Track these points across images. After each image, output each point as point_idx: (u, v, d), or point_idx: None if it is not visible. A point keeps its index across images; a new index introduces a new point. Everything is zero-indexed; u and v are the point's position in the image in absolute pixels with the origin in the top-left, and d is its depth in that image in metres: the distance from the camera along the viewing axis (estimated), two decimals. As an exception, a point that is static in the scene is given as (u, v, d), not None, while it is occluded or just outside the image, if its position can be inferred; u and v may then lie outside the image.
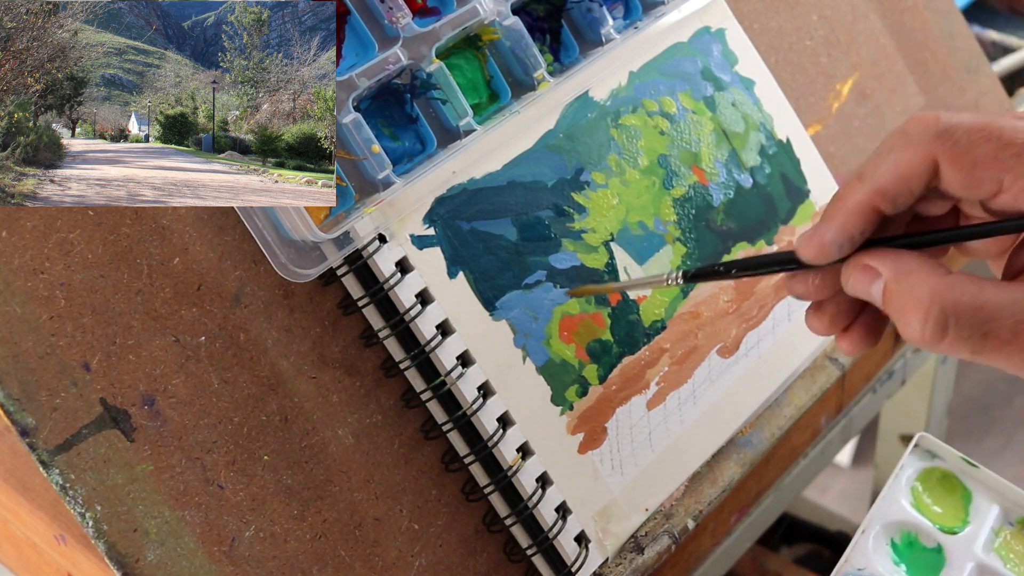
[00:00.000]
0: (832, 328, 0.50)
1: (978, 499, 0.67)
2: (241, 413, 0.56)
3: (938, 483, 0.68)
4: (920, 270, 0.45)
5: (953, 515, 0.66)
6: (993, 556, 0.65)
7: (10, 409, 0.51)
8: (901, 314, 0.45)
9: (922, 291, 0.44)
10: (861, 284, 0.46)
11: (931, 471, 0.68)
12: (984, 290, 0.43)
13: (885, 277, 0.45)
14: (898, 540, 0.66)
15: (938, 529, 0.66)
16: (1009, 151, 0.43)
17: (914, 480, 0.68)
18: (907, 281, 0.45)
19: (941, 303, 0.43)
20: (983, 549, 0.65)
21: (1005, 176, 0.44)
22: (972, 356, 0.44)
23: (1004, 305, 0.43)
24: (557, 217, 0.65)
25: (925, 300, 0.44)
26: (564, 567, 0.62)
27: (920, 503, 0.67)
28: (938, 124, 0.45)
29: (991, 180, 0.44)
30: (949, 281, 0.44)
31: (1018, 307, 0.43)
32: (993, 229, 0.45)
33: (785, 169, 0.74)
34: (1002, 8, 1.26)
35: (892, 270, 0.45)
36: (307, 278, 0.56)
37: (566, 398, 0.63)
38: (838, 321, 0.49)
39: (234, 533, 0.55)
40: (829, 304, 0.49)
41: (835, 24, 0.83)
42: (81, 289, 0.53)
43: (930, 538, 0.66)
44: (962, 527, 0.66)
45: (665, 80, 0.71)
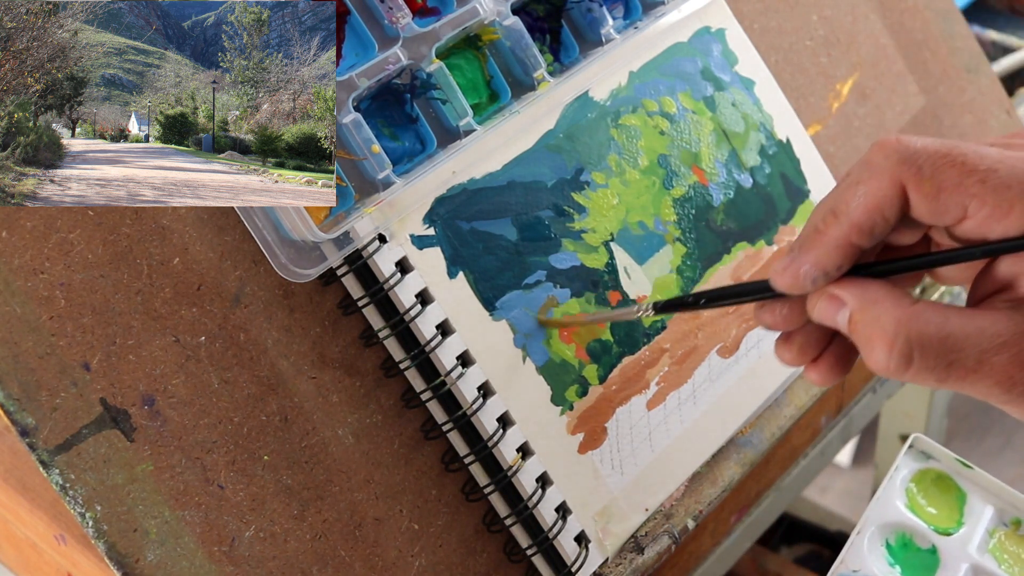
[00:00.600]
0: (801, 359, 0.49)
1: (972, 500, 0.67)
2: (241, 413, 0.56)
3: (933, 484, 0.68)
4: (885, 300, 0.44)
5: (948, 516, 0.66)
6: (988, 557, 0.65)
7: (10, 409, 0.51)
8: (867, 343, 0.45)
9: (887, 321, 0.44)
10: (827, 313, 0.46)
11: (926, 472, 0.68)
12: (949, 320, 0.43)
13: (851, 307, 0.45)
14: (893, 541, 0.66)
15: (933, 530, 0.66)
16: (973, 177, 0.43)
17: (909, 481, 0.68)
18: (872, 311, 0.44)
19: (906, 333, 0.43)
20: (977, 550, 0.65)
21: (970, 202, 0.43)
22: (937, 384, 0.44)
23: (968, 334, 0.43)
24: (557, 217, 0.65)
25: (890, 330, 0.44)
26: (564, 567, 0.62)
27: (915, 504, 0.67)
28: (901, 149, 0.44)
29: (956, 206, 0.44)
30: (914, 311, 0.44)
31: (982, 336, 0.43)
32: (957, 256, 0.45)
33: (785, 169, 0.74)
34: (1002, 8, 1.27)
35: (858, 299, 0.45)
36: (307, 278, 0.56)
37: (566, 398, 0.63)
38: (807, 351, 0.49)
39: (234, 533, 0.55)
40: (798, 335, 0.49)
41: (835, 24, 0.83)
42: (81, 289, 0.53)
43: (925, 539, 0.66)
44: (957, 528, 0.66)
45: (665, 80, 0.71)
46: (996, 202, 0.43)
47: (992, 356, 0.43)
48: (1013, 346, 0.43)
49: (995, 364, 0.43)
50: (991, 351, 0.43)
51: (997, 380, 0.43)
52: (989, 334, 0.43)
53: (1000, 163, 0.43)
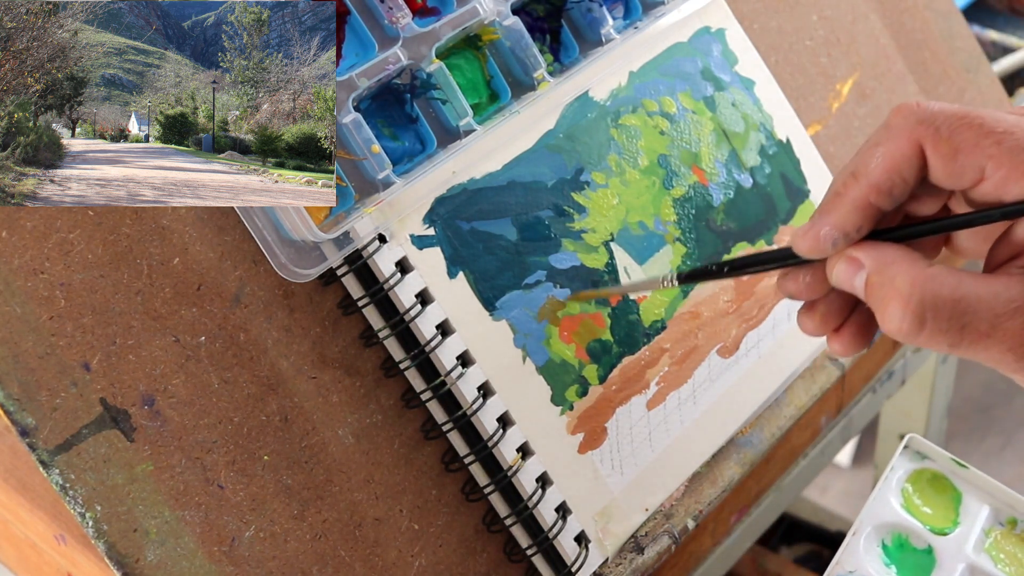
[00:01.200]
0: (823, 328, 0.50)
1: (968, 500, 0.67)
2: (241, 413, 0.56)
3: (928, 484, 0.68)
4: (901, 262, 0.45)
5: (944, 516, 0.66)
6: (984, 557, 0.65)
7: (10, 409, 0.51)
8: (881, 305, 0.45)
9: (902, 282, 0.44)
10: (845, 275, 0.46)
11: (921, 472, 0.68)
12: (963, 283, 0.44)
13: (868, 268, 0.45)
14: (889, 542, 0.66)
15: (928, 530, 0.66)
16: (990, 139, 0.44)
17: (904, 481, 0.68)
18: (888, 272, 0.45)
19: (921, 294, 0.44)
20: (974, 550, 0.65)
21: (987, 164, 0.44)
22: (950, 348, 0.44)
23: (982, 298, 0.43)
24: (557, 217, 0.65)
25: (905, 291, 0.44)
26: (564, 567, 0.62)
27: (910, 504, 0.67)
28: (919, 111, 0.45)
29: (973, 168, 0.44)
30: (930, 273, 0.44)
31: (996, 300, 0.43)
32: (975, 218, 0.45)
33: (785, 169, 0.74)
34: (1002, 8, 1.26)
35: (875, 261, 0.45)
36: (307, 278, 0.56)
37: (566, 398, 0.63)
38: (829, 321, 0.50)
39: (234, 533, 0.55)
40: (820, 304, 0.49)
41: (835, 24, 0.83)
42: (81, 289, 0.53)
43: (921, 539, 0.66)
44: (952, 528, 0.66)
45: (665, 80, 0.71)
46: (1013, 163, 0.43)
47: (1006, 321, 0.43)
48: None
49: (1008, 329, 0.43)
50: (1005, 316, 0.43)
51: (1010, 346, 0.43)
52: (1003, 299, 0.43)
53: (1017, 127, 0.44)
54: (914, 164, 0.45)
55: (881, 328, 0.46)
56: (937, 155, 0.45)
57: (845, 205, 0.46)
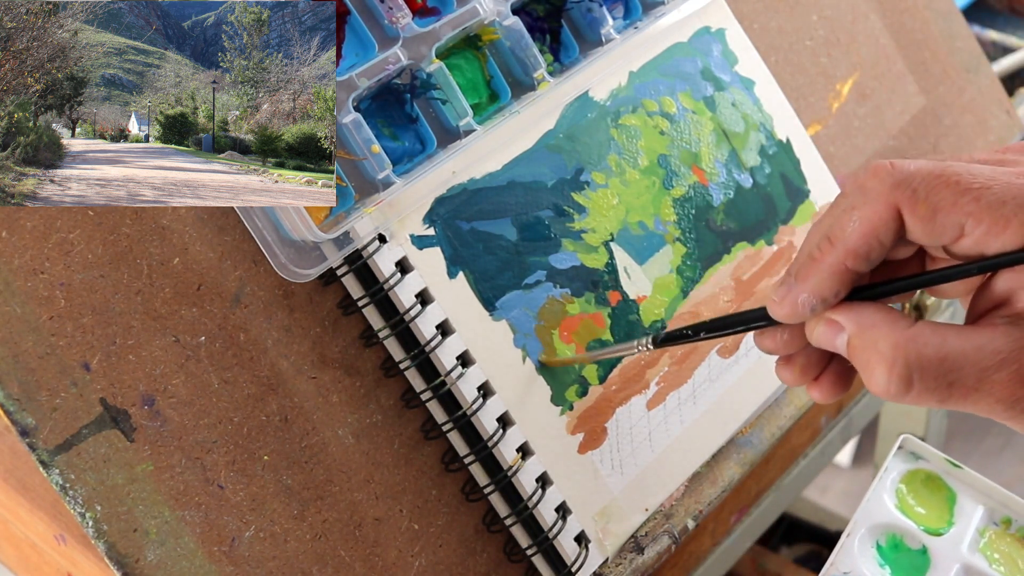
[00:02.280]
0: (803, 379, 0.50)
1: (962, 500, 0.67)
2: (241, 413, 0.56)
3: (922, 484, 0.67)
4: (882, 324, 0.44)
5: (938, 516, 0.66)
6: (978, 556, 0.65)
7: (10, 409, 0.51)
8: (866, 367, 0.45)
9: (884, 345, 0.44)
10: (826, 338, 0.46)
11: (915, 473, 0.68)
12: (947, 340, 0.43)
13: (848, 331, 0.45)
14: (883, 542, 0.65)
15: (923, 531, 0.65)
16: (967, 196, 0.43)
17: (899, 482, 0.68)
18: (870, 335, 0.45)
19: (904, 357, 0.43)
20: (968, 550, 0.65)
21: (966, 221, 0.43)
22: (939, 404, 0.44)
23: (967, 353, 0.43)
24: (557, 217, 0.65)
25: (888, 355, 0.44)
26: (564, 567, 0.62)
27: (905, 505, 0.66)
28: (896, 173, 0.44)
29: (952, 226, 0.44)
30: (911, 334, 0.44)
31: (981, 354, 0.43)
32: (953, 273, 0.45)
33: (785, 169, 0.74)
34: (1002, 8, 1.27)
35: (855, 324, 0.45)
36: (307, 278, 0.56)
37: (566, 398, 0.63)
38: (808, 372, 0.50)
39: (234, 533, 0.55)
40: (798, 356, 0.49)
41: (835, 24, 0.83)
42: (81, 289, 0.53)
43: (915, 540, 0.65)
44: (947, 528, 0.66)
45: (665, 80, 0.71)
46: (992, 219, 0.43)
47: (992, 374, 0.43)
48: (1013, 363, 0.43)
49: (996, 382, 0.43)
50: (991, 369, 0.43)
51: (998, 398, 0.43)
52: (988, 351, 0.43)
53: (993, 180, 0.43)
54: (891, 228, 0.45)
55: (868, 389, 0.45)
56: (915, 217, 0.44)
57: (822, 271, 0.46)
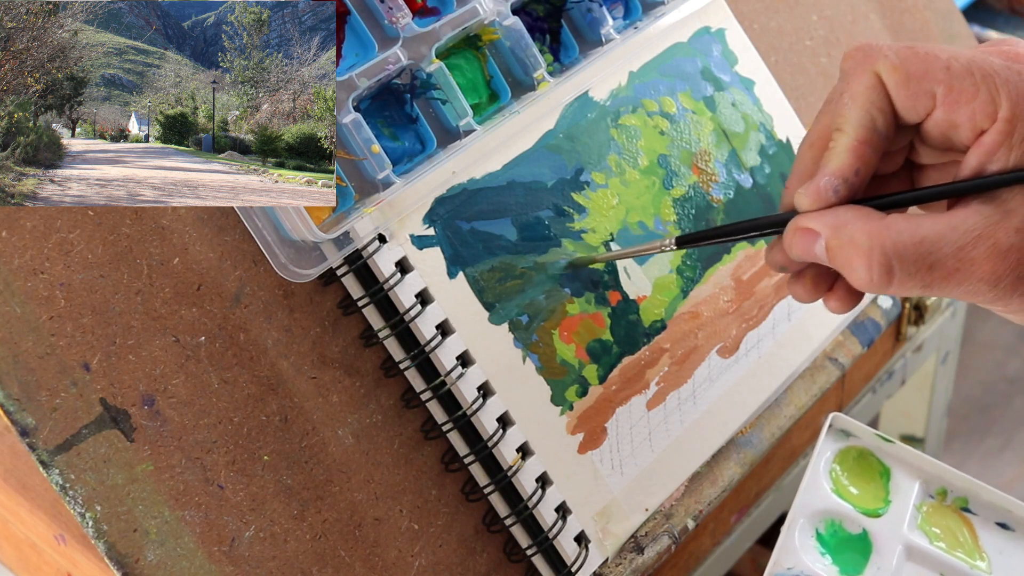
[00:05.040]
0: (815, 293, 0.50)
1: (897, 475, 0.65)
2: (241, 413, 0.56)
3: (855, 463, 0.65)
4: (856, 219, 0.45)
5: (874, 495, 0.64)
6: (918, 534, 0.63)
7: (10, 409, 0.51)
8: (847, 265, 0.45)
9: (861, 238, 0.45)
10: (803, 246, 0.47)
11: (847, 451, 0.66)
12: (921, 224, 0.44)
13: (824, 235, 0.46)
14: (823, 530, 0.63)
15: (861, 513, 0.63)
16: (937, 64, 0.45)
17: (832, 462, 0.65)
18: (845, 233, 0.45)
19: (882, 245, 0.44)
20: (908, 528, 0.63)
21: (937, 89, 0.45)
22: (923, 290, 0.45)
23: (942, 233, 0.44)
24: (557, 217, 0.65)
25: (865, 246, 0.44)
26: (564, 567, 0.62)
27: (840, 487, 0.64)
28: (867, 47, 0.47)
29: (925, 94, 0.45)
30: (885, 223, 0.44)
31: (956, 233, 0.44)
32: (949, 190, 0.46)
33: (785, 169, 0.74)
34: (1002, 8, 1.27)
35: (829, 226, 0.46)
36: (307, 278, 0.56)
37: (566, 398, 0.63)
38: (820, 284, 0.50)
39: (234, 533, 0.55)
40: (808, 270, 0.50)
41: (835, 24, 0.83)
42: (81, 289, 0.53)
43: (855, 524, 0.63)
44: (885, 508, 0.64)
45: (665, 80, 0.71)
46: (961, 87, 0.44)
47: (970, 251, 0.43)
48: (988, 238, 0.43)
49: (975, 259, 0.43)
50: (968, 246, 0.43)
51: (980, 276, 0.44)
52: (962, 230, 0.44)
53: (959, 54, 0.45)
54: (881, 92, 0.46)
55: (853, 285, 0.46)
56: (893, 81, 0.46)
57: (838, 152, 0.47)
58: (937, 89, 0.45)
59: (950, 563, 0.61)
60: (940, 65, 0.45)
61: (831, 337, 0.75)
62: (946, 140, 0.46)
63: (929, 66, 0.45)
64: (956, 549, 0.62)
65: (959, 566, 0.61)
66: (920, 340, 0.90)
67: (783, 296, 0.72)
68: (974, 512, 0.64)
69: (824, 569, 0.61)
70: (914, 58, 0.45)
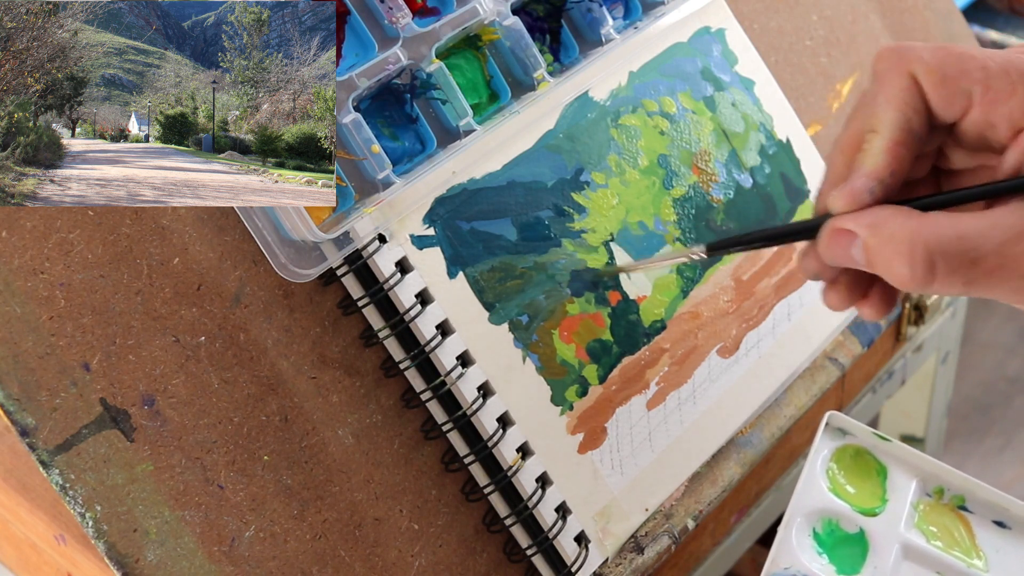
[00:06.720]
0: (850, 300, 0.49)
1: (894, 474, 0.65)
2: (241, 413, 0.56)
3: (852, 461, 0.65)
4: (894, 217, 0.45)
5: (871, 494, 0.64)
6: (915, 533, 0.63)
7: (10, 409, 0.51)
8: (887, 264, 0.44)
9: (901, 236, 0.44)
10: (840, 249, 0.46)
11: (844, 449, 0.65)
12: (962, 220, 0.43)
13: (862, 235, 0.45)
14: (820, 529, 0.63)
15: (858, 512, 0.63)
16: (973, 63, 0.45)
17: (829, 461, 0.65)
18: (884, 231, 0.44)
19: (923, 242, 0.43)
20: (905, 527, 0.63)
21: (973, 89, 0.45)
22: (964, 287, 0.44)
23: (983, 231, 0.43)
24: (557, 217, 0.65)
25: (906, 244, 0.43)
26: (564, 567, 0.62)
27: (837, 486, 0.64)
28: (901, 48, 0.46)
29: (961, 94, 0.45)
30: (925, 220, 0.44)
31: (997, 230, 0.43)
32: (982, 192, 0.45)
33: (785, 169, 0.74)
34: (1002, 8, 1.27)
35: (866, 225, 0.45)
36: (307, 278, 0.56)
37: (566, 398, 0.63)
38: (855, 291, 0.49)
39: (234, 533, 0.55)
40: (842, 277, 0.49)
41: (835, 24, 0.83)
42: (81, 289, 0.53)
43: (851, 523, 0.63)
44: (882, 506, 0.63)
45: (665, 80, 0.71)
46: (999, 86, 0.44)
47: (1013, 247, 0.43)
48: None
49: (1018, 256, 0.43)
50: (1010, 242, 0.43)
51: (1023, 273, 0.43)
52: (1003, 227, 0.43)
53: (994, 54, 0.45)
54: (916, 93, 0.46)
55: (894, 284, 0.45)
56: (930, 82, 0.45)
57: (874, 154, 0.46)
58: (974, 89, 0.44)
59: (947, 562, 0.61)
60: (976, 65, 0.45)
61: (831, 337, 0.75)
62: (982, 140, 0.46)
63: (965, 66, 0.45)
64: (953, 548, 0.62)
65: (956, 565, 0.61)
66: (920, 340, 0.90)
67: (783, 296, 0.72)
68: (971, 510, 0.64)
69: (821, 568, 0.61)
70: (950, 58, 0.45)
